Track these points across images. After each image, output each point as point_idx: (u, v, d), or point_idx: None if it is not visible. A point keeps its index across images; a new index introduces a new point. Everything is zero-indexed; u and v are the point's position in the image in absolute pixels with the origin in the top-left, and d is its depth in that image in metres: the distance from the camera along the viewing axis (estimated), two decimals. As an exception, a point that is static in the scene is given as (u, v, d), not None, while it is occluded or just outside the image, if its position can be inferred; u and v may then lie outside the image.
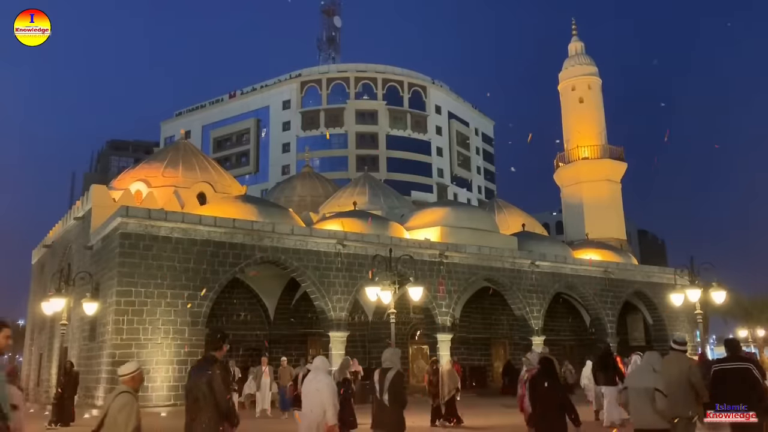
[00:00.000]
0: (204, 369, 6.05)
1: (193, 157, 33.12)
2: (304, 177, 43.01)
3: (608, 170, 46.49)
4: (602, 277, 32.88)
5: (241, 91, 71.87)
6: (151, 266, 21.10)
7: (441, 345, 27.02)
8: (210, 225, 22.47)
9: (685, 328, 35.36)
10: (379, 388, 7.59)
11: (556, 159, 48.77)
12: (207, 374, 5.98)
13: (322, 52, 79.49)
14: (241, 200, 28.11)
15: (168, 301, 21.16)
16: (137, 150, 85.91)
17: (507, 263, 29.71)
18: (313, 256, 24.55)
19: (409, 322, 30.25)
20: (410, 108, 67.00)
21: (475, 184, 73.86)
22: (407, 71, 69.34)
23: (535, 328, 29.97)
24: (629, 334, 36.80)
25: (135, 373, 5.90)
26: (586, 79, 48.90)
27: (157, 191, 29.16)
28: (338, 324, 24.63)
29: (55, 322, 26.02)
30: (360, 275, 24.98)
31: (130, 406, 5.65)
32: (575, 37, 50.88)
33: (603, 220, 44.41)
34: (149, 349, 20.62)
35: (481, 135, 77.81)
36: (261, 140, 67.64)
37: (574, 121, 48.30)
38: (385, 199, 37.21)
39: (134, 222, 21.14)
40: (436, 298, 27.07)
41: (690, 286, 21.85)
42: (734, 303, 39.83)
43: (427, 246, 27.63)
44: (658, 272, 35.71)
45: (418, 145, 66.18)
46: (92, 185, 28.12)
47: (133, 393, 5.81)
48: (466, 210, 35.59)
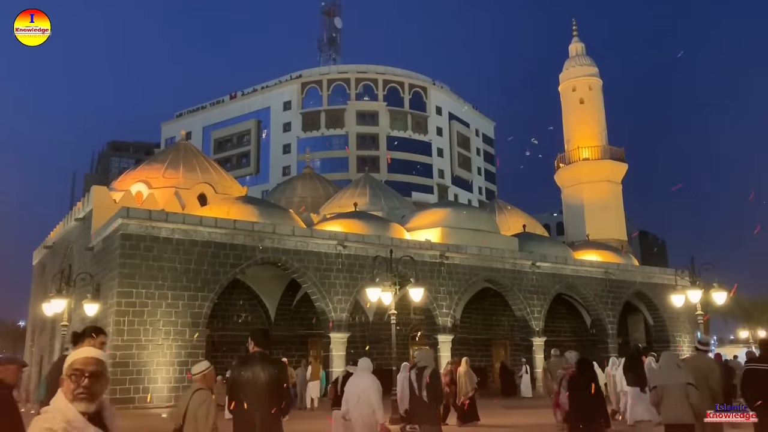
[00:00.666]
0: (261, 363, 6.07)
1: (194, 158, 33.15)
2: (305, 178, 43.02)
3: (609, 171, 46.46)
4: (603, 278, 32.87)
5: (242, 92, 71.88)
6: (152, 267, 21.12)
7: (441, 346, 27.00)
8: (211, 226, 22.48)
9: (685, 329, 35.36)
10: (417, 386, 8.28)
11: (557, 160, 48.74)
12: (271, 368, 6.04)
13: (323, 53, 79.48)
14: (242, 201, 28.12)
15: (169, 302, 21.17)
16: (138, 151, 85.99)
17: (508, 264, 29.70)
18: (313, 257, 24.56)
19: (410, 323, 30.25)
20: (411, 109, 66.98)
21: (476, 185, 73.81)
22: (408, 72, 69.33)
23: (536, 329, 29.95)
24: (630, 335, 36.77)
25: (206, 371, 6.23)
26: (587, 79, 48.88)
27: (157, 192, 29.17)
28: (339, 325, 24.63)
29: (55, 323, 26.03)
30: (361, 276, 24.98)
31: (208, 402, 5.94)
32: (576, 37, 50.87)
33: (604, 221, 44.38)
34: (150, 350, 20.63)
35: (482, 136, 77.78)
36: (261, 141, 67.62)
37: (575, 122, 48.28)
38: (386, 200, 37.21)
39: (135, 223, 21.16)
40: (437, 299, 27.06)
41: (691, 287, 21.81)
42: (735, 304, 39.79)
43: (427, 247, 27.62)
44: (659, 273, 35.70)
45: (418, 146, 66.18)
46: (93, 186, 28.16)
47: (207, 390, 6.15)
48: (467, 211, 35.59)
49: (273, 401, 5.86)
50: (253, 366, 5.97)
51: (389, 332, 18.64)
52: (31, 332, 36.46)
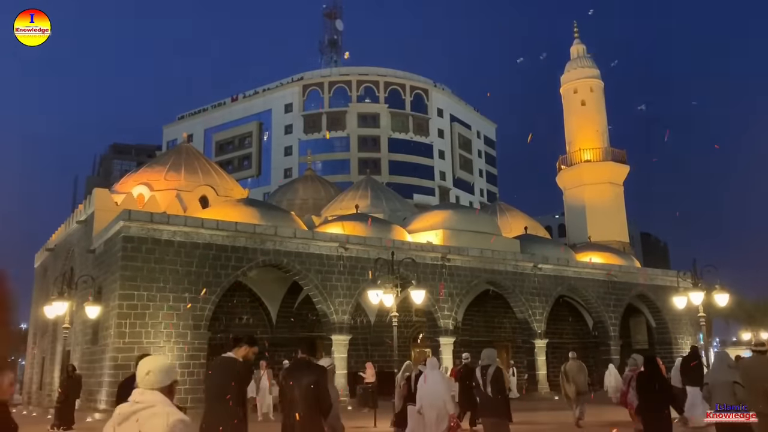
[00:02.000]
0: (304, 369, 6.49)
1: (196, 160, 33.18)
2: (306, 180, 43.02)
3: (610, 173, 46.43)
4: (605, 280, 32.83)
5: (244, 95, 71.97)
6: (154, 270, 21.12)
7: (443, 348, 26.99)
8: (212, 228, 22.49)
9: (688, 331, 35.29)
10: (482, 382, 9.01)
11: (559, 161, 48.73)
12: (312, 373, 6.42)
13: (324, 56, 79.61)
14: (244, 203, 28.13)
15: (170, 304, 21.17)
16: (140, 153, 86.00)
17: (509, 266, 29.68)
18: (315, 260, 24.56)
19: (412, 325, 30.23)
20: (412, 111, 67.03)
21: (477, 187, 73.81)
22: (409, 74, 69.39)
23: (538, 331, 29.92)
24: (632, 337, 36.72)
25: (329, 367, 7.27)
26: (588, 81, 48.88)
27: (159, 195, 29.21)
28: (340, 327, 24.62)
29: (57, 325, 26.04)
30: (362, 278, 24.97)
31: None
32: (577, 39, 50.90)
33: (605, 223, 44.34)
34: (152, 352, 20.59)
35: (483, 138, 77.79)
36: (263, 143, 67.70)
37: (576, 124, 48.27)
38: (387, 202, 37.22)
39: (137, 225, 21.18)
40: (439, 301, 27.05)
41: (693, 289, 21.78)
42: (737, 306, 39.69)
43: (429, 249, 27.62)
44: (661, 275, 35.64)
45: (420, 148, 66.21)
46: (95, 189, 28.19)
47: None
48: (468, 213, 35.59)
49: (313, 404, 6.26)
50: (296, 371, 6.47)
51: (391, 334, 18.64)
52: (33, 335, 36.47)
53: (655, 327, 35.50)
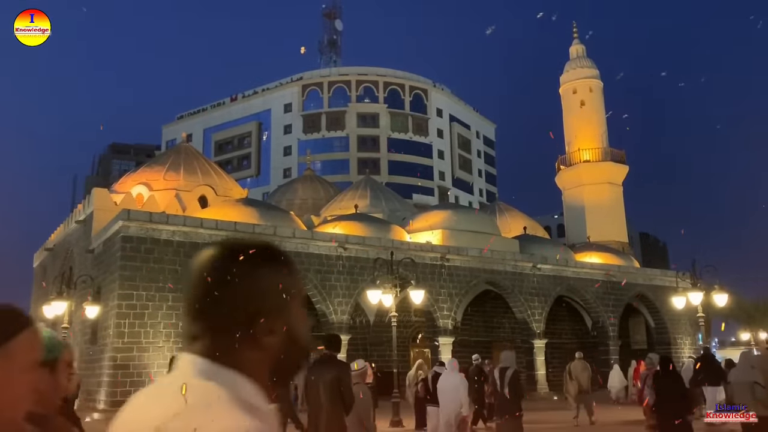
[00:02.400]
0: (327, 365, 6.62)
1: (195, 160, 33.15)
2: (306, 180, 43.01)
3: (610, 173, 46.42)
4: (604, 280, 32.82)
5: (243, 95, 71.91)
6: (153, 269, 21.11)
7: (442, 348, 26.98)
8: (211, 228, 22.48)
9: (687, 331, 35.30)
10: (500, 384, 9.28)
11: (558, 162, 48.73)
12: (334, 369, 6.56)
13: (324, 56, 79.55)
14: (243, 203, 28.13)
15: (169, 304, 21.16)
16: (139, 153, 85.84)
17: (509, 266, 29.67)
18: (314, 259, 24.55)
19: (411, 325, 30.21)
20: (411, 111, 67.01)
21: (477, 187, 73.79)
22: (408, 74, 69.38)
23: (537, 331, 29.92)
24: (631, 338, 36.72)
25: (362, 370, 7.33)
26: (587, 81, 48.86)
27: (158, 194, 29.18)
28: (340, 327, 24.61)
29: (56, 325, 25.99)
30: (361, 278, 24.97)
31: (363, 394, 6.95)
32: (576, 39, 50.86)
33: (604, 223, 44.32)
34: (151, 352, 20.61)
35: (483, 138, 77.77)
36: (262, 143, 67.65)
37: (576, 124, 48.25)
38: (387, 202, 37.21)
39: (136, 225, 21.16)
40: (438, 301, 27.04)
41: (692, 289, 21.80)
42: (736, 306, 39.70)
43: (428, 249, 27.61)
44: (660, 275, 35.63)
45: (419, 148, 66.19)
46: (94, 189, 28.18)
47: (363, 384, 7.20)
48: (468, 213, 35.59)
49: (336, 399, 6.40)
50: (319, 367, 6.60)
51: (390, 334, 18.64)
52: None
53: (654, 327, 35.49)
